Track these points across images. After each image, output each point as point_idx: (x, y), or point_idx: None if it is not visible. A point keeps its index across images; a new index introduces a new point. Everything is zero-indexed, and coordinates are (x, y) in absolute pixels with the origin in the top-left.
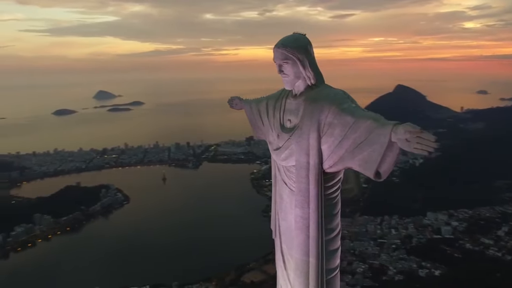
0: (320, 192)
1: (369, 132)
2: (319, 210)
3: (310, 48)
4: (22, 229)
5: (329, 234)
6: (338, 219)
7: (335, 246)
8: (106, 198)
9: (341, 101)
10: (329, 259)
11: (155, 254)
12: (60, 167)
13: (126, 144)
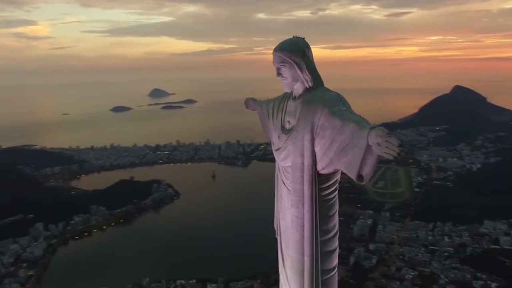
0: (314, 193)
1: (352, 135)
2: (313, 210)
3: (308, 51)
4: (80, 219)
5: (325, 235)
6: (335, 220)
7: (332, 247)
8: (157, 192)
9: (333, 104)
10: (325, 260)
11: (203, 249)
12: (115, 161)
13: (178, 141)
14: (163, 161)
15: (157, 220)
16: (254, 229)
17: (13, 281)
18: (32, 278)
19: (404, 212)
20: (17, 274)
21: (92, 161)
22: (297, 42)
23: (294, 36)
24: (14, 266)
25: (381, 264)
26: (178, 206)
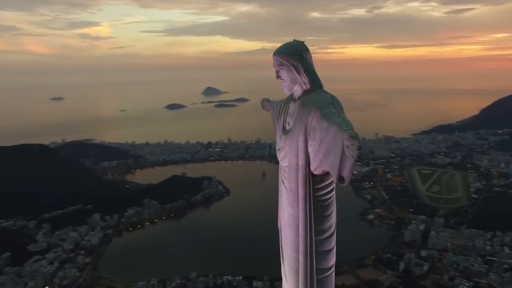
0: (308, 193)
1: (334, 137)
2: (307, 210)
3: (306, 54)
4: (133, 211)
5: (320, 235)
6: (331, 221)
7: (328, 247)
8: (208, 189)
9: (324, 106)
10: (321, 259)
11: (250, 247)
12: (168, 157)
13: (229, 139)
14: (214, 158)
15: (207, 216)
16: None
17: (72, 266)
18: (89, 264)
19: (459, 219)
20: (75, 260)
21: (147, 156)
22: (295, 45)
23: (294, 40)
24: (73, 253)
25: (433, 272)
26: (227, 203)
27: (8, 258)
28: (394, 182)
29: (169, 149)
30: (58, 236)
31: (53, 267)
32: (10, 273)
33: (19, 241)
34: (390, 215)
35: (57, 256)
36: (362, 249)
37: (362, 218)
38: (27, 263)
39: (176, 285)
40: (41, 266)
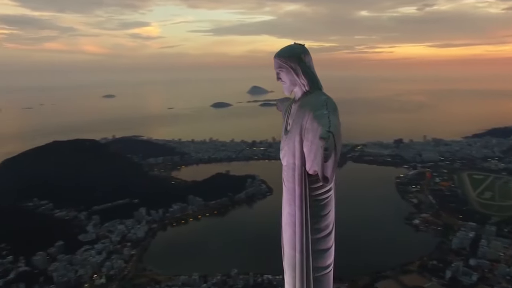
0: (304, 192)
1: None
2: (303, 209)
3: (305, 57)
4: (178, 207)
5: (317, 234)
6: (328, 220)
7: (325, 246)
8: (251, 187)
9: (317, 107)
10: (318, 258)
11: None
12: (213, 155)
13: (274, 138)
14: (258, 157)
15: (250, 214)
16: (343, 231)
17: (119, 257)
18: (134, 256)
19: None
20: (122, 251)
21: (192, 153)
22: (294, 48)
23: (295, 43)
24: (120, 245)
25: (482, 283)
26: (270, 202)
27: (61, 246)
28: (443, 187)
29: (214, 147)
30: (106, 228)
31: (101, 257)
32: (63, 260)
33: (71, 231)
34: (437, 221)
35: (105, 247)
36: (406, 254)
37: (408, 223)
38: (78, 252)
39: (216, 281)
40: (90, 255)
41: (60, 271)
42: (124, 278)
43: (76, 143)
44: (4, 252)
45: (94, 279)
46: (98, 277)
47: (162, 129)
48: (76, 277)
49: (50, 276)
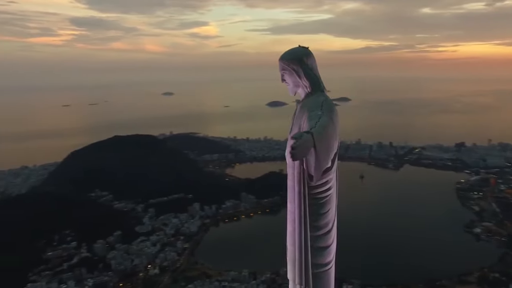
0: (303, 190)
1: None
2: (301, 206)
3: (307, 59)
4: (231, 204)
5: (316, 231)
6: (327, 219)
7: (323, 244)
8: None
9: (313, 108)
10: (316, 255)
11: (342, 249)
12: (267, 153)
13: None
14: None
15: None
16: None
17: (172, 250)
18: (186, 250)
19: None
20: (175, 244)
21: (247, 151)
22: (296, 51)
23: (299, 46)
24: (173, 238)
25: None
26: None
27: (119, 236)
28: (508, 195)
29: (268, 146)
30: (161, 220)
31: (155, 248)
32: (120, 249)
33: (128, 222)
34: (501, 231)
35: (160, 239)
36: (465, 264)
37: (468, 231)
38: (134, 243)
39: (265, 279)
40: (146, 246)
41: (118, 260)
42: (176, 270)
43: (135, 138)
44: (69, 238)
45: (148, 269)
46: (152, 268)
47: (218, 126)
48: (132, 266)
49: (109, 263)
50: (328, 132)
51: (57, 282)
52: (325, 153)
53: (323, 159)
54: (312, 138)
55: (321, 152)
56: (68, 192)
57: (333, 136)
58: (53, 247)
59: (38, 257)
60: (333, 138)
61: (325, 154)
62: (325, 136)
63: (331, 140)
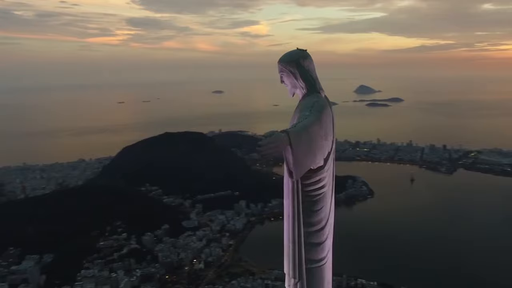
0: (296, 187)
1: None
2: (295, 202)
3: (304, 61)
4: (276, 202)
5: (309, 228)
6: (320, 216)
7: (317, 240)
8: (351, 188)
9: (303, 109)
10: (310, 250)
11: (390, 253)
12: None
13: (378, 139)
14: (361, 158)
15: (348, 215)
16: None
17: (217, 246)
18: (231, 246)
19: None
20: (220, 240)
21: None
22: (293, 53)
23: (297, 48)
24: (219, 234)
25: None
26: (371, 205)
27: (167, 230)
28: None
29: None
30: (208, 216)
31: (201, 243)
32: (168, 242)
33: (176, 216)
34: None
35: (205, 235)
36: None
37: None
38: (181, 237)
39: None
40: (192, 241)
41: (165, 252)
42: (221, 266)
43: (185, 135)
44: (120, 229)
45: (194, 263)
46: (197, 262)
47: (267, 125)
48: (178, 259)
49: (156, 256)
50: (311, 131)
51: (108, 271)
52: (305, 152)
53: (302, 157)
54: (288, 136)
55: (299, 150)
56: (120, 186)
57: (318, 135)
58: (105, 237)
59: (91, 246)
60: (318, 137)
61: (305, 152)
62: (306, 136)
63: (315, 139)
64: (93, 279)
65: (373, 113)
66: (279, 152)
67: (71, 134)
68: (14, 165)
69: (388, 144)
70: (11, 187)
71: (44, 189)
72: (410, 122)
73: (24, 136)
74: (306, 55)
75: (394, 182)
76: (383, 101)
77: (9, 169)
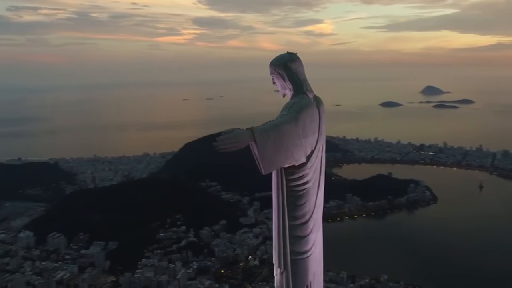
0: (281, 182)
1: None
2: (279, 197)
3: (291, 64)
4: (335, 204)
5: (293, 221)
6: (304, 211)
7: (300, 233)
8: (413, 193)
9: (284, 108)
10: (294, 243)
11: (452, 263)
12: (377, 155)
13: (445, 143)
14: (425, 161)
15: (409, 221)
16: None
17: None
18: None
19: None
20: None
21: (355, 152)
22: (282, 57)
23: (287, 52)
24: None
25: None
26: (434, 211)
27: (224, 225)
28: None
29: (379, 147)
30: (264, 214)
31: (257, 240)
32: (224, 238)
33: (234, 213)
34: None
35: (262, 232)
36: None
37: None
38: (238, 233)
39: (364, 283)
40: (248, 238)
41: (221, 247)
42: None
43: None
44: (179, 222)
45: (249, 260)
46: (252, 259)
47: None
48: (234, 255)
49: (212, 250)
50: (283, 129)
51: (166, 261)
52: (276, 148)
53: (272, 153)
54: (252, 133)
55: (266, 147)
56: (181, 180)
57: (293, 133)
58: (165, 229)
59: (152, 237)
60: (293, 135)
61: (276, 149)
62: (275, 133)
63: (287, 137)
64: (152, 268)
65: (440, 115)
66: (237, 148)
67: (138, 129)
68: (86, 156)
69: (455, 148)
70: (83, 177)
71: (111, 180)
72: (481, 125)
73: (96, 130)
74: (295, 58)
75: (461, 188)
76: (451, 102)
77: (82, 160)
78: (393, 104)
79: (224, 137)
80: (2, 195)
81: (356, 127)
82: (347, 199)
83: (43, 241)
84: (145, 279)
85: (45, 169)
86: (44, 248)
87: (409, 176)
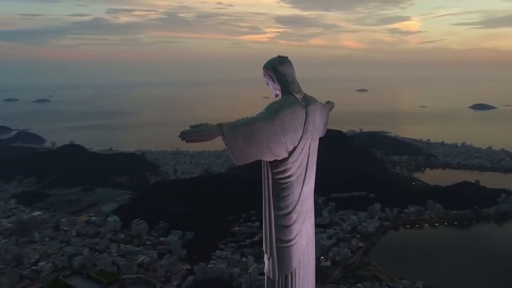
0: (266, 174)
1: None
2: (265, 188)
3: (280, 66)
4: (414, 209)
5: (277, 211)
6: (287, 202)
7: (285, 223)
8: (504, 204)
9: (265, 107)
10: (279, 231)
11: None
12: (464, 161)
13: None
14: None
15: (497, 234)
16: None
17: (346, 246)
18: (361, 249)
19: None
20: (350, 241)
21: (440, 156)
22: (272, 60)
23: (278, 56)
24: (349, 234)
25: None
26: None
27: None
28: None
29: (466, 152)
30: (340, 215)
31: (330, 241)
32: None
33: None
34: None
35: (335, 234)
36: None
37: None
38: None
39: None
40: (321, 238)
41: None
42: (347, 266)
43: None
44: (253, 217)
45: (321, 260)
46: (324, 260)
47: (411, 127)
48: None
49: None
50: (255, 126)
51: (239, 255)
52: (248, 143)
53: (244, 147)
54: (220, 128)
55: (232, 140)
56: (255, 176)
57: (268, 130)
58: (240, 223)
59: (227, 230)
60: (267, 132)
61: (248, 143)
62: (246, 129)
63: (261, 133)
64: (225, 260)
65: None
66: (203, 140)
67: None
68: (169, 149)
69: None
70: (165, 169)
71: (192, 173)
72: None
73: (179, 124)
74: (284, 61)
75: None
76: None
77: (165, 153)
78: (486, 106)
79: (190, 130)
80: (95, 181)
81: (442, 130)
82: (428, 205)
83: (128, 226)
84: (218, 270)
85: (132, 160)
86: (129, 233)
87: (500, 185)
